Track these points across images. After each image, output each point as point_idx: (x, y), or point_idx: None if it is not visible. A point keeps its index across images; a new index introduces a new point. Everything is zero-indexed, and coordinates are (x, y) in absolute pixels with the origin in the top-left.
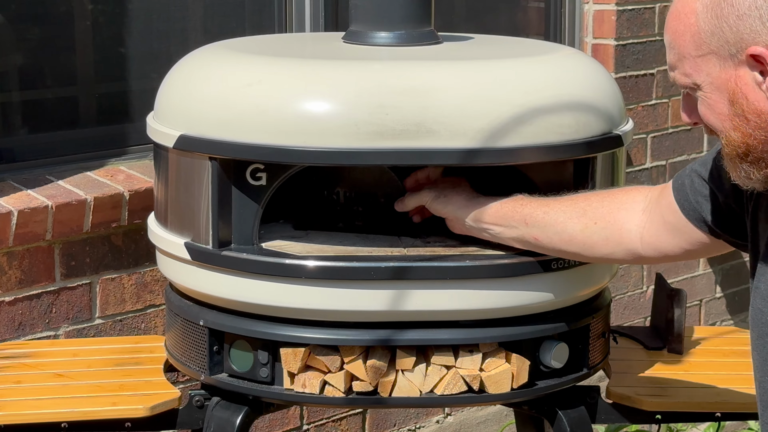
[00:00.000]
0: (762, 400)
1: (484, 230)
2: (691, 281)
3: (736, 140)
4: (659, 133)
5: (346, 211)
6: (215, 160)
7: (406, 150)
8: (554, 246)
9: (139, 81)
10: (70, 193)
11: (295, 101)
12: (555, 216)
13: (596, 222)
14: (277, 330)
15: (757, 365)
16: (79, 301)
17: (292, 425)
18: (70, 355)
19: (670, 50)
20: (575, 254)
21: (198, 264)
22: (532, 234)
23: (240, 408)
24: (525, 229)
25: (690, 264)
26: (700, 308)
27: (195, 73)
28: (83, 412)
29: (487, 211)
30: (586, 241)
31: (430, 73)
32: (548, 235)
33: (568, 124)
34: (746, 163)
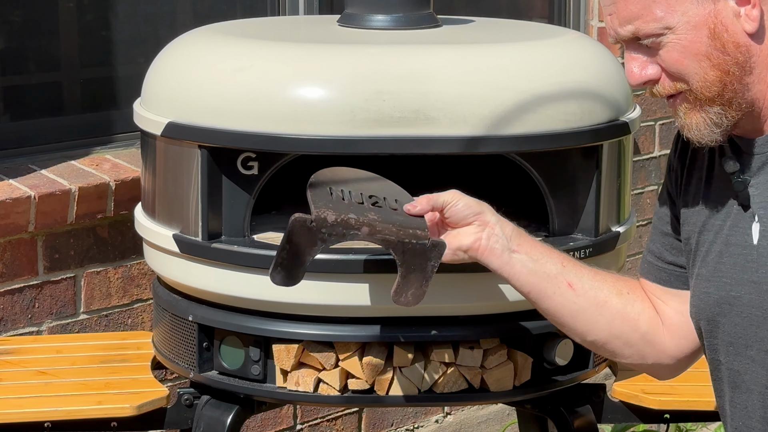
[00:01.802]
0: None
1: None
2: None
3: (713, 79)
4: (668, 121)
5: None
6: (205, 148)
7: (405, 138)
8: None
9: (125, 66)
10: (54, 183)
11: (288, 87)
12: (594, 272)
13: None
14: (269, 325)
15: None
16: (63, 296)
17: (285, 425)
18: (54, 351)
19: (626, 3)
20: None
21: (187, 257)
22: (566, 278)
23: (231, 407)
24: (560, 270)
25: None
26: None
27: (184, 58)
28: (67, 411)
29: (523, 235)
30: (621, 311)
31: (429, 58)
32: (584, 288)
33: (572, 111)
34: (717, 106)
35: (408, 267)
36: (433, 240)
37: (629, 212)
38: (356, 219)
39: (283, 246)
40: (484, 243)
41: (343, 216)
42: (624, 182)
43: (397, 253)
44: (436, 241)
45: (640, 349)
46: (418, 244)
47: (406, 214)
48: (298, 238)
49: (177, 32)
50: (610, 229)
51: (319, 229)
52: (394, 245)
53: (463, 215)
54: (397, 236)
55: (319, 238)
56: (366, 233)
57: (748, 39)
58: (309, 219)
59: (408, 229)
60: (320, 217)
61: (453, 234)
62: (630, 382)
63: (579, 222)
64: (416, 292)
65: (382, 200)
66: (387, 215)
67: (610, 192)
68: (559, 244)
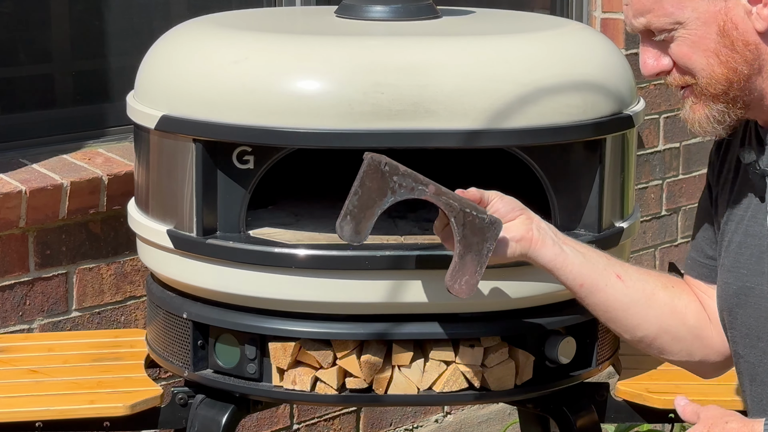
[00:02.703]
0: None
1: (564, 245)
2: None
3: (719, 76)
4: (672, 114)
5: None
6: (199, 142)
7: (403, 131)
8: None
9: (118, 58)
10: (45, 178)
11: (285, 80)
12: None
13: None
14: (265, 323)
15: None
16: (54, 293)
17: (281, 424)
18: (45, 350)
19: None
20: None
21: (181, 253)
22: (614, 270)
23: (226, 406)
24: (606, 263)
25: None
26: None
27: (178, 50)
28: (59, 410)
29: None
30: (669, 303)
31: (429, 50)
32: (631, 279)
33: (575, 104)
34: (721, 103)
35: (465, 244)
36: (491, 216)
37: (633, 207)
38: (423, 177)
39: (355, 191)
40: (535, 234)
41: (411, 171)
42: (628, 177)
43: (458, 223)
44: (493, 218)
45: (689, 345)
46: (478, 217)
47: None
48: (372, 182)
49: (171, 23)
50: (614, 225)
51: (392, 176)
52: (456, 212)
53: (508, 209)
54: (459, 203)
55: (389, 188)
56: (432, 192)
57: (758, 38)
58: (383, 161)
59: (468, 202)
60: (393, 163)
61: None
62: (634, 381)
63: (582, 217)
64: (470, 279)
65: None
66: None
67: (613, 187)
68: None
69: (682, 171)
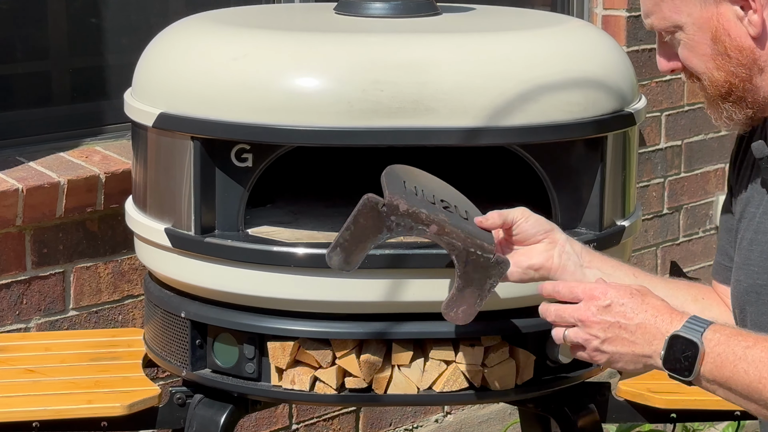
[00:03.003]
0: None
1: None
2: (708, 270)
3: (719, 80)
4: (674, 111)
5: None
6: (198, 139)
7: (403, 129)
8: None
9: (116, 55)
10: (42, 176)
11: (284, 77)
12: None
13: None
14: (264, 322)
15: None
16: (51, 292)
17: (280, 424)
18: (42, 349)
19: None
20: None
21: (179, 251)
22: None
23: (224, 406)
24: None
25: (707, 252)
26: None
27: (176, 47)
28: (56, 410)
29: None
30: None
31: (429, 47)
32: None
33: (576, 101)
34: (728, 103)
35: (466, 279)
36: (498, 256)
37: (634, 206)
38: (426, 215)
39: (347, 226)
40: (556, 261)
41: (414, 208)
42: (629, 175)
43: (459, 262)
44: (501, 258)
45: None
46: (483, 257)
47: (475, 225)
48: (366, 220)
49: (169, 20)
50: (615, 223)
51: (389, 216)
52: (459, 252)
53: (533, 232)
54: (463, 243)
55: (386, 226)
56: (434, 232)
57: (753, 42)
58: (381, 202)
59: (475, 239)
60: (392, 203)
61: (522, 252)
62: (635, 381)
63: (583, 215)
64: (468, 309)
65: (453, 207)
66: (457, 221)
67: (614, 185)
68: None
69: (684, 169)
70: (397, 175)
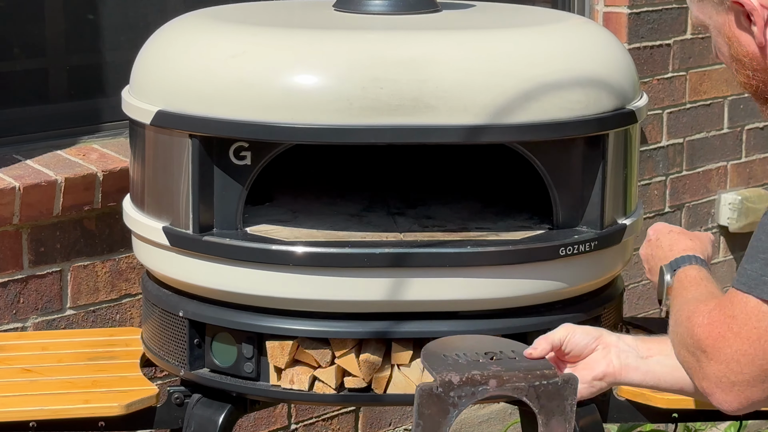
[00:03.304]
0: None
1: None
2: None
3: (742, 81)
4: (676, 109)
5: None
6: (196, 137)
7: (403, 127)
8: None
9: (113, 52)
10: (39, 174)
11: (283, 74)
12: None
13: None
14: (262, 321)
15: None
16: (48, 291)
17: (279, 424)
18: (39, 348)
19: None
20: None
21: (177, 250)
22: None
23: (223, 406)
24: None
25: None
26: None
27: (174, 44)
28: (53, 410)
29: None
30: None
31: (429, 44)
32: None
33: (577, 99)
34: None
35: (547, 413)
36: (563, 376)
37: (636, 204)
38: (481, 374)
39: (416, 423)
40: (616, 363)
41: (467, 374)
42: (631, 173)
43: (531, 400)
44: (567, 376)
45: None
46: (550, 384)
47: (527, 359)
48: (429, 408)
49: (167, 17)
50: (616, 222)
51: (447, 393)
52: (527, 391)
53: (584, 344)
54: (526, 381)
55: (450, 404)
56: (494, 386)
57: (759, 51)
58: (434, 385)
59: (535, 371)
60: (445, 381)
61: (581, 367)
62: None
63: (584, 214)
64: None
65: (499, 353)
66: (509, 364)
67: (616, 183)
68: (563, 237)
69: (686, 167)
70: (434, 352)
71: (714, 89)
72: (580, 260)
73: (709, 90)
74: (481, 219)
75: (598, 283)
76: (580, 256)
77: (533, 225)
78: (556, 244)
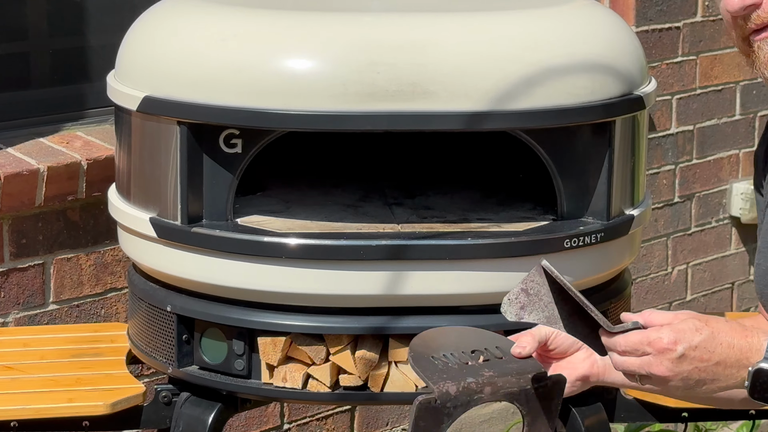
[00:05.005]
0: None
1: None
2: (722, 261)
3: None
4: (686, 95)
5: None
6: (184, 124)
7: (400, 113)
8: None
9: (98, 35)
10: (21, 162)
11: (275, 58)
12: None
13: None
14: (254, 317)
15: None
16: (30, 284)
17: (271, 424)
18: (21, 345)
19: None
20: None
21: (165, 242)
22: None
23: (212, 405)
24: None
25: (720, 242)
26: (732, 291)
27: (162, 27)
28: (35, 409)
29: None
30: None
31: (428, 27)
32: None
33: (583, 84)
34: None
35: (534, 414)
36: (552, 377)
37: (644, 194)
38: (476, 382)
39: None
40: (600, 364)
41: (463, 384)
42: (638, 161)
43: (521, 404)
44: (556, 377)
45: None
46: (541, 387)
47: (515, 359)
48: (426, 421)
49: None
50: (623, 212)
51: (444, 405)
52: (519, 397)
53: (570, 342)
54: (519, 386)
55: (445, 414)
56: (489, 393)
57: None
58: (433, 399)
59: (526, 375)
60: (443, 392)
61: (565, 365)
62: None
63: (590, 204)
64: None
65: (485, 352)
66: (500, 367)
67: (623, 172)
68: (568, 228)
69: (696, 155)
70: (421, 354)
71: (725, 74)
72: (586, 253)
73: (720, 75)
74: (482, 209)
75: (605, 277)
76: (585, 248)
77: (537, 216)
78: (561, 236)
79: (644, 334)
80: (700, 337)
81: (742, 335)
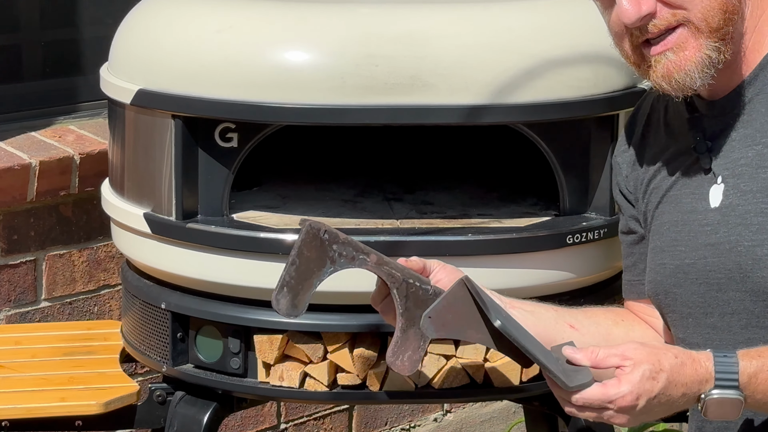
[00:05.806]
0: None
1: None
2: None
3: (715, 8)
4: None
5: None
6: (179, 118)
7: (399, 107)
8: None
9: (92, 27)
10: (12, 157)
11: (272, 51)
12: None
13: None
14: (250, 314)
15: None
16: (22, 281)
17: (267, 424)
18: (12, 343)
19: None
20: None
21: (159, 238)
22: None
23: (208, 404)
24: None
25: None
26: None
27: (156, 19)
28: (27, 408)
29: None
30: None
31: (427, 18)
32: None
33: (585, 77)
34: (716, 40)
35: (409, 317)
36: (435, 288)
37: None
38: (365, 246)
39: (292, 260)
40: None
41: (352, 239)
42: None
43: (400, 296)
44: (438, 289)
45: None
46: (422, 288)
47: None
48: (310, 251)
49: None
50: None
51: (331, 245)
52: (399, 283)
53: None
54: (402, 273)
55: (329, 257)
56: (374, 261)
57: None
58: (322, 229)
59: (411, 271)
60: (332, 231)
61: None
62: None
63: (592, 200)
64: (413, 355)
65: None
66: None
67: None
68: (570, 224)
69: None
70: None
71: None
72: (589, 249)
73: None
74: (482, 205)
75: (608, 273)
76: (588, 244)
77: (538, 211)
78: (563, 232)
79: (604, 392)
80: (659, 385)
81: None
